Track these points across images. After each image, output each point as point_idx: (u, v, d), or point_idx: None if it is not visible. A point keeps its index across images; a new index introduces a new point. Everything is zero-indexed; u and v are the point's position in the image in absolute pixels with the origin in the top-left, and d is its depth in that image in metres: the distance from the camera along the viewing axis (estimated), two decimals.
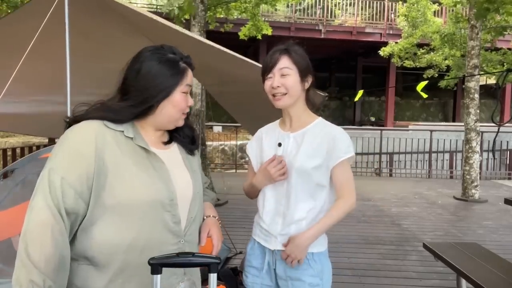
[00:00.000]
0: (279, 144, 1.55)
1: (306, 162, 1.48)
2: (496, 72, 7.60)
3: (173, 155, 1.28)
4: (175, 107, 1.21)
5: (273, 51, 1.52)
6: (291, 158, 1.51)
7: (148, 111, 1.19)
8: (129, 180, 1.12)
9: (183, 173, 1.27)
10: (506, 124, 10.82)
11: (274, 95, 1.51)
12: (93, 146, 1.10)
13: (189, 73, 1.23)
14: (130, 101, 1.18)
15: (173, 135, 1.30)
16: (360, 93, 3.60)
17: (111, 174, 1.10)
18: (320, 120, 1.59)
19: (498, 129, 2.47)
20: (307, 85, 1.53)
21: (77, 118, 1.17)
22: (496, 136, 2.70)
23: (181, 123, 1.26)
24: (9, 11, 6.22)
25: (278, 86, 1.48)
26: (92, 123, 1.14)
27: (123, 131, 1.16)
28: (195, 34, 2.89)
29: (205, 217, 1.43)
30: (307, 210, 1.50)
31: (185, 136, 1.33)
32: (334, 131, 1.52)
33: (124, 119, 1.17)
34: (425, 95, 2.88)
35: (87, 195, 1.09)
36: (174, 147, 1.30)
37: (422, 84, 2.68)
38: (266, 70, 1.52)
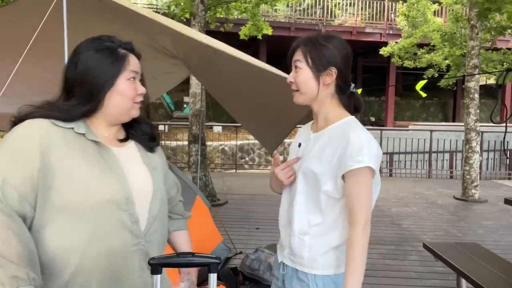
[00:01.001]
0: (299, 145, 1.42)
1: (313, 165, 1.29)
2: (496, 72, 7.60)
3: (130, 152, 1.21)
4: (121, 96, 1.14)
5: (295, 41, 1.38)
6: (303, 160, 1.36)
7: (96, 106, 1.13)
8: (79, 179, 1.06)
9: (141, 170, 1.20)
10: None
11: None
12: (37, 145, 1.04)
13: (132, 59, 1.17)
14: (75, 99, 1.12)
15: (130, 133, 1.24)
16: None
17: (59, 173, 1.04)
18: (347, 119, 1.34)
19: (506, 128, 2.41)
20: (327, 80, 1.31)
21: (22, 117, 1.10)
22: (505, 136, 2.62)
23: (134, 113, 1.18)
24: None
25: (290, 82, 1.36)
26: (36, 121, 1.08)
27: (73, 128, 1.10)
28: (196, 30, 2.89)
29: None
30: (313, 224, 1.31)
31: (143, 133, 1.26)
32: (351, 133, 1.26)
33: (73, 118, 1.11)
34: (424, 94, 2.87)
35: (32, 197, 1.03)
36: (132, 144, 1.24)
37: (421, 83, 2.67)
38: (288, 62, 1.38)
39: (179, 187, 1.42)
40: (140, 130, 1.25)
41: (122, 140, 1.21)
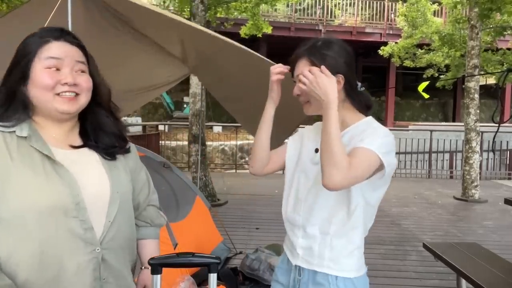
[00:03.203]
0: (316, 150, 1.34)
1: None
2: (496, 72, 7.60)
3: (84, 154, 1.12)
4: (36, 86, 1.02)
5: (294, 53, 1.33)
6: None
7: (24, 101, 1.04)
8: (22, 186, 0.99)
9: (96, 172, 1.11)
10: (506, 124, 10.82)
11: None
12: None
13: (53, 45, 1.05)
14: None
15: (87, 144, 1.14)
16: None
17: (2, 182, 0.98)
18: (366, 120, 1.31)
19: (498, 128, 2.45)
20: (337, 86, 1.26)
21: None
22: (495, 135, 2.68)
23: (60, 107, 1.05)
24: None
25: (298, 95, 1.30)
26: None
27: (14, 131, 1.02)
28: (198, 25, 2.88)
29: (142, 267, 1.28)
30: (335, 222, 1.28)
31: (102, 144, 1.14)
32: (369, 127, 1.26)
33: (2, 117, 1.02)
34: (426, 96, 2.87)
35: None
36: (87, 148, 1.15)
37: (424, 85, 2.67)
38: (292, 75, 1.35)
39: (151, 189, 1.31)
40: (100, 142, 1.14)
41: (78, 147, 1.12)
